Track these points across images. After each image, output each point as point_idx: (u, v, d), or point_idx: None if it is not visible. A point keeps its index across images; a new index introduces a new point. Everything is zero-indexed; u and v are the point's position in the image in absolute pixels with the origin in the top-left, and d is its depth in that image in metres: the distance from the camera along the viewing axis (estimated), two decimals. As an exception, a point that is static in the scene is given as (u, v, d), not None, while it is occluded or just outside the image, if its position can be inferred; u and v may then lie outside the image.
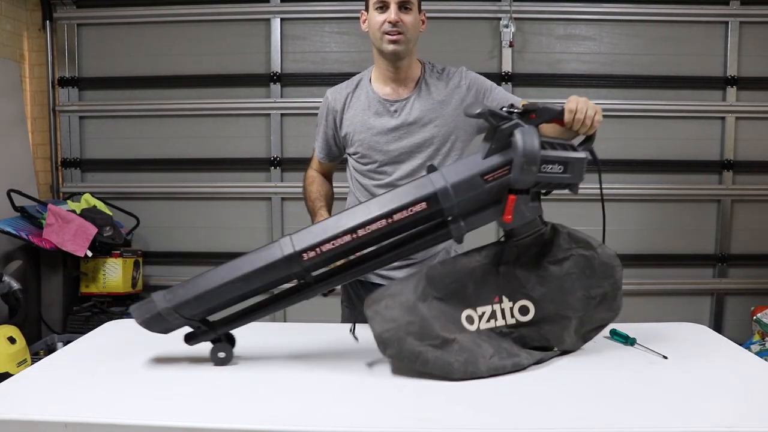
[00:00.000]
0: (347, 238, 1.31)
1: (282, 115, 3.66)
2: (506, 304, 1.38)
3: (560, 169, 1.31)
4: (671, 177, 3.62)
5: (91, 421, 1.10)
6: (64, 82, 3.71)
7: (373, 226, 1.31)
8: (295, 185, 3.63)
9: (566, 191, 1.42)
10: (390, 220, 1.31)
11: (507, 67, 3.55)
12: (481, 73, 1.82)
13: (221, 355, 1.37)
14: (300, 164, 3.63)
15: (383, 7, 1.68)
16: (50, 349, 3.11)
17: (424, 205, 1.31)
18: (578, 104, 1.42)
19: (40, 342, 3.18)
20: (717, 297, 3.68)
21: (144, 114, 3.71)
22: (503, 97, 1.78)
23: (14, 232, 3.05)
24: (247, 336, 1.43)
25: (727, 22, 3.53)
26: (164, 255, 3.77)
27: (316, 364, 1.39)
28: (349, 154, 1.84)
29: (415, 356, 1.27)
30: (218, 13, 3.64)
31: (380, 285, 1.77)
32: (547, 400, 1.20)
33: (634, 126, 3.60)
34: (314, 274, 1.36)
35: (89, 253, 3.16)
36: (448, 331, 1.32)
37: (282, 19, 3.62)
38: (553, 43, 3.60)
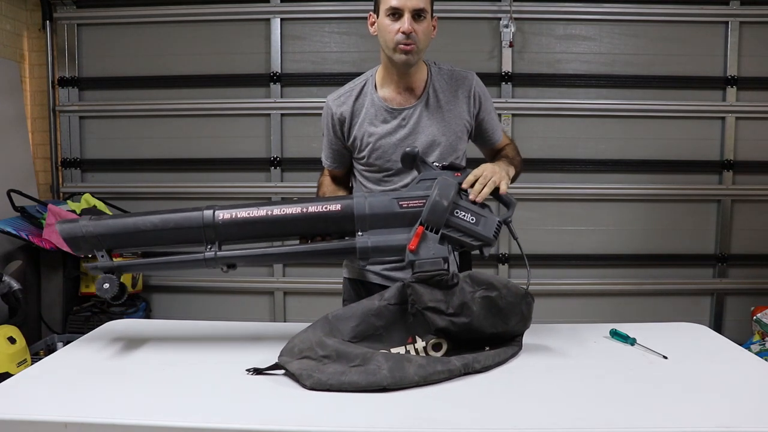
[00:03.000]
0: (262, 212, 1.43)
1: (282, 115, 3.66)
2: (419, 343, 1.37)
3: (473, 219, 1.43)
4: (671, 177, 3.62)
5: (91, 421, 1.10)
6: (64, 82, 3.71)
7: (288, 209, 1.43)
8: (296, 185, 3.65)
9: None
10: (305, 209, 1.43)
11: (507, 67, 3.55)
12: (481, 73, 1.80)
13: (105, 285, 1.42)
14: (300, 164, 3.64)
15: (396, 15, 1.62)
16: (50, 349, 3.11)
17: (338, 206, 1.44)
18: (484, 171, 1.50)
19: (40, 342, 3.18)
20: (717, 297, 3.68)
21: (144, 114, 3.71)
22: (492, 126, 1.81)
23: (14, 232, 3.05)
24: (247, 336, 1.43)
25: (727, 22, 3.53)
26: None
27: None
28: (355, 159, 1.80)
29: (338, 380, 1.23)
30: (218, 13, 3.64)
31: (380, 285, 1.78)
32: (548, 400, 1.20)
33: (634, 126, 3.60)
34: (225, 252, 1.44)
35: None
36: (368, 350, 1.31)
37: (282, 19, 3.62)
38: (553, 43, 3.60)
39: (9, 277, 2.86)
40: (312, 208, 1.44)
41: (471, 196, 1.46)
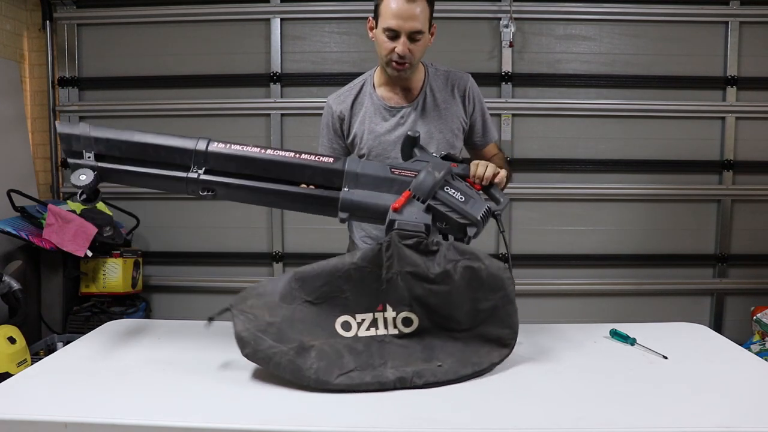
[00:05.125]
0: (255, 150, 1.45)
1: (282, 115, 3.66)
2: (389, 313, 1.33)
3: (461, 198, 1.43)
4: (671, 177, 3.62)
5: (91, 421, 1.10)
6: (64, 82, 3.71)
7: (281, 152, 1.46)
8: (295, 185, 3.65)
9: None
10: (297, 155, 1.46)
11: (507, 67, 3.55)
12: (481, 73, 1.82)
13: (82, 177, 1.41)
14: (300, 164, 3.64)
15: (393, 35, 1.65)
16: (50, 349, 3.11)
17: (331, 159, 1.48)
18: (480, 164, 1.54)
19: (40, 342, 3.18)
20: (717, 297, 3.68)
21: (144, 114, 3.70)
22: (486, 125, 1.85)
23: (14, 232, 3.05)
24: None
25: (727, 22, 3.53)
26: (164, 255, 3.77)
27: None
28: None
29: (269, 358, 1.25)
30: (218, 13, 3.63)
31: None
32: (548, 400, 1.20)
33: (634, 126, 3.60)
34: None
35: (89, 253, 3.16)
36: (311, 336, 1.29)
37: (282, 19, 3.62)
38: (553, 43, 3.60)
39: (9, 277, 2.85)
40: (305, 156, 1.47)
41: (475, 172, 1.49)
